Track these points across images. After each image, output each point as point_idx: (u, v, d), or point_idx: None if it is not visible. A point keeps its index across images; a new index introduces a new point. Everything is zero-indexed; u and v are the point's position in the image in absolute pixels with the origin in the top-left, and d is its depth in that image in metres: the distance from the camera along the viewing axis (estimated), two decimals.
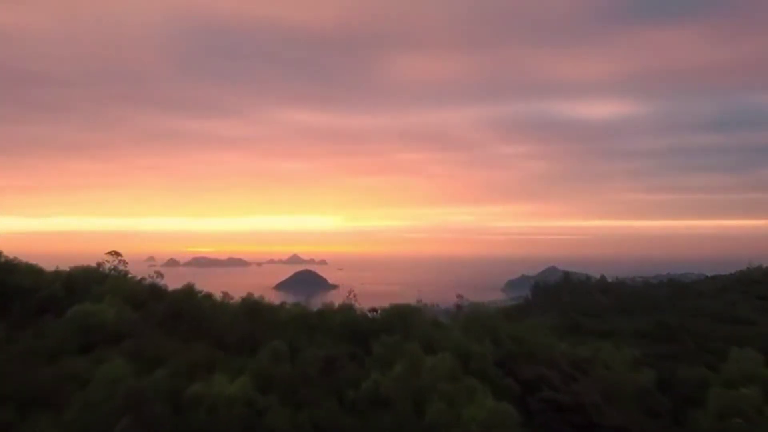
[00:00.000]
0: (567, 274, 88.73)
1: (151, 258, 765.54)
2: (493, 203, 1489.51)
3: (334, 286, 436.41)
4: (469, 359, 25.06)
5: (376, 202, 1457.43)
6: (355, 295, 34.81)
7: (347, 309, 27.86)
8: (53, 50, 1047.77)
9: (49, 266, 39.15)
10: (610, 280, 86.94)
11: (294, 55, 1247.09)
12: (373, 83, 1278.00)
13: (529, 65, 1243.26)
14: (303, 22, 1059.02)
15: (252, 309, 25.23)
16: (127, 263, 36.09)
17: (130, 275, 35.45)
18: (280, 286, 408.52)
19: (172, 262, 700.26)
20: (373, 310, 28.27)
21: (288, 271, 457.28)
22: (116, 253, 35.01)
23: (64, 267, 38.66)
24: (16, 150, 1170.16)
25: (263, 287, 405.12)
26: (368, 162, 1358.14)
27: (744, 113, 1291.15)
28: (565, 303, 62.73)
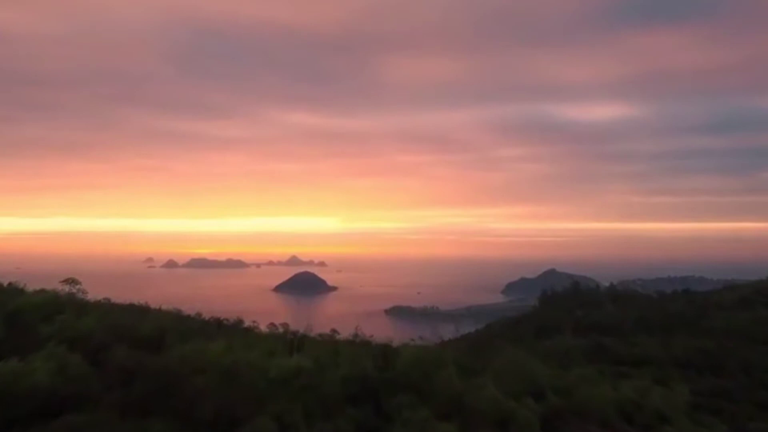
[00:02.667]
0: (576, 283, 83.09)
1: (150, 259, 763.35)
2: (492, 205, 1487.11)
3: (334, 288, 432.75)
4: (510, 422, 19.73)
5: (375, 203, 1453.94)
6: (362, 332, 28.77)
7: (353, 359, 21.51)
8: (52, 51, 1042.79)
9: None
10: (619, 287, 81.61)
11: (293, 57, 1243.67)
12: (373, 85, 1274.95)
13: (528, 68, 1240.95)
14: (303, 25, 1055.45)
15: (232, 370, 18.79)
16: (87, 292, 29.94)
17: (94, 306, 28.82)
18: (279, 288, 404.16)
19: (171, 263, 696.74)
20: (386, 356, 21.93)
21: (287, 273, 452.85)
22: (73, 281, 29.16)
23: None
24: (16, 150, 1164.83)
25: (262, 288, 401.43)
26: (367, 164, 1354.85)
27: (743, 116, 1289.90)
28: (576, 316, 57.04)
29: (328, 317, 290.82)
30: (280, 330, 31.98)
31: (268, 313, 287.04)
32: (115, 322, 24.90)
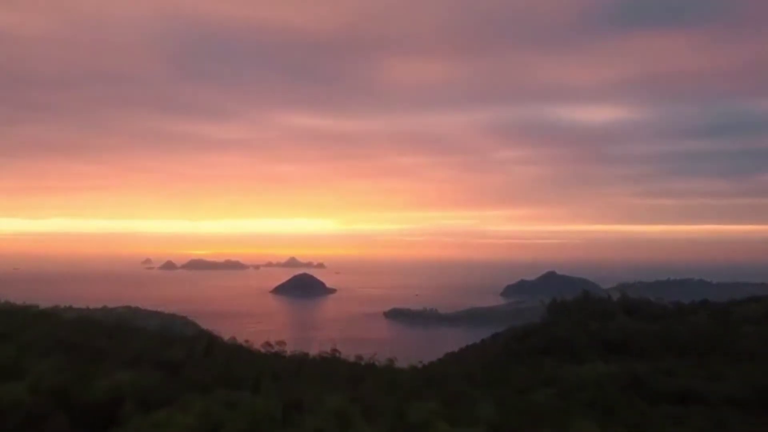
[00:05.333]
0: (586, 292, 78.78)
1: (148, 260, 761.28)
2: (491, 207, 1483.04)
3: (333, 290, 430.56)
4: None
5: (374, 205, 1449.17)
6: (365, 351, 25.53)
7: None
8: (49, 51, 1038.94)
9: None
10: (631, 294, 75.77)
11: (291, 58, 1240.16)
12: (371, 87, 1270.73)
13: (527, 70, 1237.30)
14: (300, 26, 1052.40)
15: None
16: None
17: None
18: (278, 290, 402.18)
19: (169, 265, 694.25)
20: None
21: (286, 274, 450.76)
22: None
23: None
24: (14, 152, 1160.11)
25: (261, 290, 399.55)
26: (366, 165, 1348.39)
27: (743, 118, 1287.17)
28: (590, 330, 51.74)
29: (327, 320, 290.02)
30: (275, 348, 29.37)
31: (266, 315, 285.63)
32: (57, 382, 17.23)
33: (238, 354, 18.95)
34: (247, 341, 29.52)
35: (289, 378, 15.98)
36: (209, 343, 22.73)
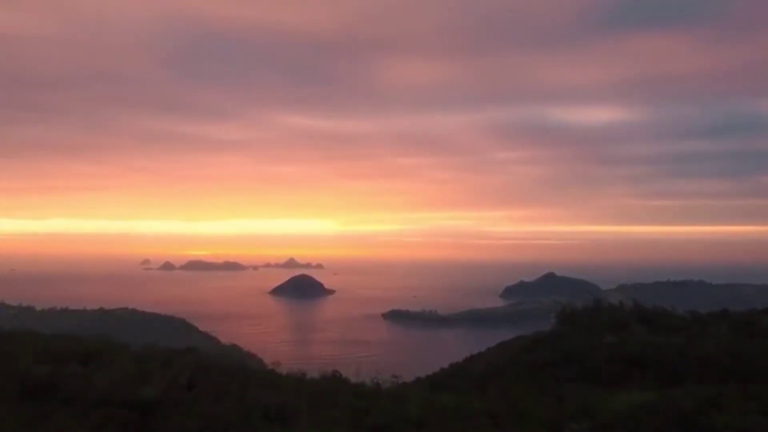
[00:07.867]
0: (598, 300, 75.07)
1: (146, 261, 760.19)
2: (490, 208, 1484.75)
3: (332, 291, 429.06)
4: None
5: (373, 206, 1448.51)
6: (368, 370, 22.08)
7: None
8: (49, 51, 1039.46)
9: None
10: (647, 305, 70.83)
11: (290, 58, 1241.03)
12: (370, 87, 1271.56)
13: (526, 71, 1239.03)
14: (299, 26, 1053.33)
15: None
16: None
17: None
18: (276, 291, 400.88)
19: (168, 266, 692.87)
20: None
21: (284, 275, 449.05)
22: None
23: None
24: (13, 151, 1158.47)
25: (260, 291, 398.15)
26: (365, 166, 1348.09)
27: (742, 119, 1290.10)
28: (606, 342, 47.99)
29: (326, 321, 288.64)
30: (270, 366, 27.24)
31: (265, 316, 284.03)
32: None
33: (228, 381, 15.03)
34: (241, 349, 27.84)
35: (282, 414, 13.41)
36: (195, 372, 17.62)
